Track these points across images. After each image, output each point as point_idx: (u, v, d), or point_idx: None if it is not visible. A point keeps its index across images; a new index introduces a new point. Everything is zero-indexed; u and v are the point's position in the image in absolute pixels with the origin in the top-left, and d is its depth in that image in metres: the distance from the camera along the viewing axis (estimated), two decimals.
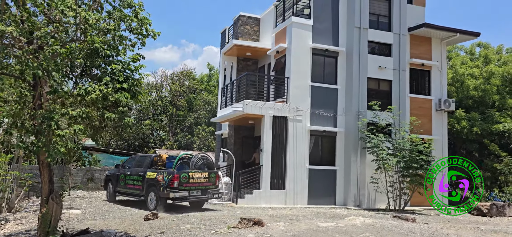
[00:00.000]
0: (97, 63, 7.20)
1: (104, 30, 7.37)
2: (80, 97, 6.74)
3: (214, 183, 13.86)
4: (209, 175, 13.73)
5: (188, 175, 13.19)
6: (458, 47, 30.24)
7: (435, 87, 18.81)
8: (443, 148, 18.66)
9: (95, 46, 6.95)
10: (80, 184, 20.55)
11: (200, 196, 13.57)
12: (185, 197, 13.17)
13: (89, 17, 6.76)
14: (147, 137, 32.20)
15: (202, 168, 13.83)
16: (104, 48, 7.03)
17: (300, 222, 10.98)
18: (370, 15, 17.49)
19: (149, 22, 8.09)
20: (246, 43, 18.80)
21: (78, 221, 11.53)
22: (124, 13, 7.91)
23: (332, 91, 17.13)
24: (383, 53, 17.72)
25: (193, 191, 13.33)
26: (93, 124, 7.18)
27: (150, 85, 33.99)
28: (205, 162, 14.00)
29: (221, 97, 20.60)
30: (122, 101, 6.96)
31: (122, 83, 7.16)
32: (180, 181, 12.98)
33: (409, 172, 15.40)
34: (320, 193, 16.60)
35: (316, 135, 16.90)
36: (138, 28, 8.03)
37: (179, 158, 14.01)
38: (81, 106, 6.97)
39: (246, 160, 18.65)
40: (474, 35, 18.90)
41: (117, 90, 7.07)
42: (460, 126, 24.83)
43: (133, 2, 7.76)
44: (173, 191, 12.91)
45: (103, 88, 6.86)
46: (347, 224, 10.37)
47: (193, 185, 13.30)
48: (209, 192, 13.74)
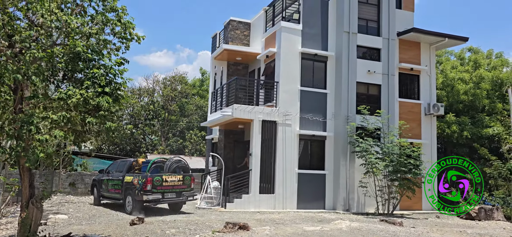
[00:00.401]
0: (79, 67, 7.18)
1: (86, 34, 7.35)
2: (61, 101, 6.71)
3: (189, 186, 14.24)
4: (183, 178, 14.14)
5: (161, 178, 13.62)
6: (449, 51, 30.46)
7: (424, 91, 18.93)
8: (432, 152, 18.76)
9: (77, 50, 6.93)
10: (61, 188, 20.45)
11: (174, 198, 13.97)
12: (158, 200, 13.57)
13: (70, 21, 6.75)
14: (139, 142, 32.09)
15: (177, 171, 14.28)
16: (86, 52, 7.01)
17: (286, 226, 10.99)
18: (359, 20, 17.59)
19: (132, 26, 8.10)
20: (236, 48, 18.84)
21: (64, 226, 11.46)
22: (108, 17, 7.91)
23: (322, 96, 17.19)
24: (372, 58, 17.82)
25: (167, 194, 13.75)
26: (75, 129, 7.13)
27: (142, 90, 33.93)
28: (179, 166, 14.47)
29: (211, 101, 20.60)
30: (104, 105, 6.93)
31: (104, 87, 7.14)
32: (153, 184, 13.36)
33: (397, 176, 15.47)
34: (310, 197, 16.62)
35: (305, 140, 16.93)
36: (122, 32, 8.04)
37: (153, 162, 14.40)
38: (63, 111, 6.93)
39: (238, 164, 18.64)
40: (462, 40, 19.06)
41: (98, 94, 7.05)
42: (451, 130, 24.98)
43: (116, 6, 7.75)
44: (146, 193, 13.29)
45: (84, 92, 6.84)
46: (333, 228, 10.38)
47: (166, 188, 13.72)
48: (184, 194, 14.11)
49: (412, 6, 19.07)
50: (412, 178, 15.61)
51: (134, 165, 15.08)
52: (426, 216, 16.67)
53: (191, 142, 31.22)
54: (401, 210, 17.61)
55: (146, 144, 32.55)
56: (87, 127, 7.13)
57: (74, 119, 6.95)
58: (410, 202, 17.85)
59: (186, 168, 14.73)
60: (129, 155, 31.46)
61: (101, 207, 15.97)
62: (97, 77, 7.15)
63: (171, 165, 14.26)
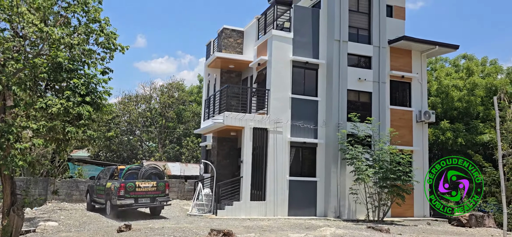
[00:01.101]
0: (60, 77, 7.34)
1: (68, 45, 7.52)
2: (42, 110, 6.86)
3: (163, 191, 15.00)
4: (157, 184, 14.92)
5: (135, 184, 14.44)
6: (443, 59, 30.62)
7: (415, 98, 19.04)
8: (424, 159, 18.84)
9: (58, 60, 7.09)
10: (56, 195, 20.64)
11: (148, 203, 14.80)
12: (131, 205, 14.33)
13: (52, 32, 6.92)
14: (136, 149, 32.25)
15: (152, 178, 15.08)
16: (67, 63, 7.17)
17: (272, 233, 11.08)
18: (350, 28, 17.76)
19: (115, 36, 8.26)
20: (228, 56, 19.03)
21: (52, 233, 11.59)
22: (92, 27, 8.09)
23: (313, 103, 17.32)
24: (363, 66, 17.97)
25: (141, 199, 14.55)
26: (58, 137, 7.28)
27: (139, 97, 34.14)
28: (154, 172, 15.34)
29: (204, 109, 20.75)
30: (84, 114, 7.08)
31: (84, 96, 7.29)
32: (126, 190, 14.20)
33: (387, 183, 15.55)
34: (301, 204, 16.70)
35: (296, 147, 17.05)
36: (105, 43, 8.21)
37: (128, 168, 15.32)
38: (45, 120, 7.09)
39: (236, 172, 18.70)
40: (452, 47, 19.19)
41: (79, 103, 7.20)
42: (445, 137, 25.05)
43: (99, 18, 7.92)
44: (120, 198, 14.11)
45: (64, 101, 6.99)
46: (317, 235, 10.48)
47: (140, 193, 14.52)
48: (157, 200, 14.84)
49: (403, 15, 19.23)
50: (402, 185, 15.69)
51: (115, 172, 15.87)
52: (417, 223, 16.75)
53: (187, 149, 31.37)
54: (392, 217, 17.67)
55: (143, 151, 32.70)
56: (69, 135, 7.25)
57: (56, 128, 7.09)
58: (401, 209, 17.90)
59: (161, 175, 15.61)
60: (126, 162, 31.60)
61: (93, 213, 16.12)
62: (78, 87, 7.29)
63: (145, 172, 15.10)
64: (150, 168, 15.40)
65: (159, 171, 15.63)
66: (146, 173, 15.07)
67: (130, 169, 15.26)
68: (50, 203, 20.94)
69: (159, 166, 16.06)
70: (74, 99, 7.16)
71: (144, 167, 15.45)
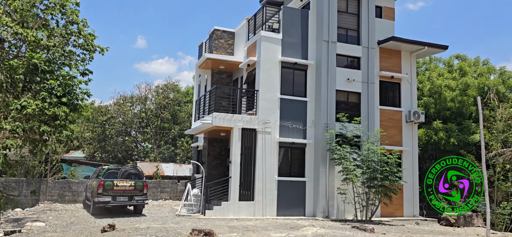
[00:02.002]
0: (37, 78, 7.42)
1: (45, 47, 7.60)
2: (17, 111, 6.95)
3: (140, 190, 15.87)
4: (135, 184, 15.78)
5: (113, 183, 15.35)
6: (437, 59, 30.70)
7: (405, 99, 19.12)
8: (413, 159, 18.91)
9: (34, 62, 7.18)
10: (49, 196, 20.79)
11: (126, 201, 15.67)
12: (108, 202, 15.27)
13: (26, 34, 7.01)
14: (130, 150, 32.36)
15: (131, 177, 15.98)
16: (43, 64, 7.26)
17: (254, 233, 11.16)
18: (339, 29, 17.85)
19: (93, 38, 8.35)
20: (218, 57, 19.11)
21: (38, 233, 11.65)
22: (72, 29, 8.18)
23: (302, 104, 17.40)
24: (352, 66, 18.05)
25: (119, 198, 15.46)
26: (34, 138, 7.37)
27: (134, 98, 34.26)
28: (133, 172, 16.29)
29: (195, 109, 20.84)
30: (60, 115, 7.16)
31: (61, 97, 7.37)
32: (104, 188, 15.16)
33: (374, 183, 15.62)
34: (290, 204, 16.78)
35: (285, 147, 17.12)
36: (85, 44, 8.30)
37: (108, 168, 16.38)
38: (22, 121, 7.18)
39: (225, 172, 18.79)
40: (442, 48, 19.27)
41: (55, 104, 7.28)
42: (438, 137, 25.12)
43: (76, 19, 8.00)
44: (98, 196, 15.12)
45: (40, 102, 7.07)
46: (298, 235, 10.55)
47: (117, 192, 15.45)
48: (135, 198, 15.72)
49: (392, 15, 19.31)
50: (389, 185, 15.76)
51: (100, 172, 16.89)
52: (405, 222, 16.82)
53: (182, 150, 31.46)
54: (382, 216, 17.75)
55: (138, 151, 32.81)
56: (45, 136, 7.34)
57: (32, 129, 7.17)
58: (391, 209, 17.99)
59: (140, 175, 16.44)
60: (121, 163, 31.71)
61: (83, 214, 16.29)
62: (54, 88, 7.37)
63: (124, 171, 16.10)
64: (130, 168, 16.42)
65: (138, 172, 16.48)
66: (125, 173, 16.04)
67: (110, 169, 16.28)
68: (43, 203, 21.06)
69: (139, 167, 17.11)
70: (50, 100, 7.23)
71: (123, 167, 16.39)
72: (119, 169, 16.39)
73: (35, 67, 7.30)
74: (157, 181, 24.09)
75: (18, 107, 6.87)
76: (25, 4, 7.62)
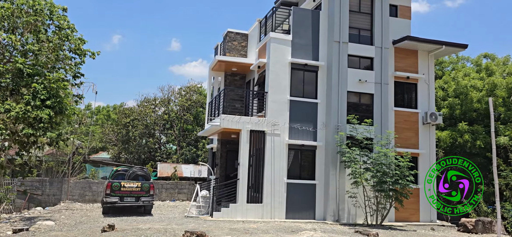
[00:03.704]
0: (22, 82, 7.66)
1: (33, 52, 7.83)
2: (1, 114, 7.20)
3: (147, 192, 16.21)
4: (141, 185, 16.15)
5: (120, 184, 15.79)
6: (465, 58, 29.56)
7: (422, 100, 18.49)
8: (431, 162, 18.22)
9: (17, 66, 7.41)
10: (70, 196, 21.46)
11: (133, 202, 16.01)
12: (115, 202, 15.66)
13: (9, 39, 7.24)
14: (153, 151, 32.95)
15: (138, 179, 16.38)
16: (26, 68, 7.48)
17: (252, 235, 11.08)
18: (351, 29, 17.48)
19: (82, 42, 8.54)
20: (230, 59, 19.14)
21: (44, 232, 12.04)
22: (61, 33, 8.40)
23: (312, 105, 17.15)
24: (364, 67, 17.64)
25: (126, 198, 15.88)
26: (21, 140, 7.60)
27: (157, 100, 34.87)
28: (140, 174, 16.64)
29: (208, 111, 20.97)
30: (44, 118, 7.35)
31: (45, 100, 7.57)
32: (112, 189, 15.64)
33: (383, 187, 15.17)
34: (299, 207, 16.56)
35: (295, 149, 16.92)
36: (75, 49, 8.51)
37: (116, 170, 16.90)
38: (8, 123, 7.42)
39: (231, 173, 18.86)
40: (461, 47, 18.50)
41: (38, 107, 7.49)
42: (463, 139, 24.18)
43: (62, 24, 8.20)
44: (106, 196, 15.62)
45: (23, 106, 7.29)
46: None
47: (124, 192, 15.85)
48: (141, 199, 16.07)
49: (408, 14, 18.72)
50: (399, 188, 15.27)
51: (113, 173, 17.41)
52: (419, 227, 16.24)
53: (203, 151, 31.73)
54: (396, 221, 17.24)
55: (161, 153, 33.36)
56: (32, 138, 7.56)
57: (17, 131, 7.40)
58: (406, 213, 17.45)
59: (147, 177, 16.75)
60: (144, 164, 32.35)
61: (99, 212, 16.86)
62: (38, 92, 7.58)
63: (132, 173, 16.47)
64: (138, 170, 16.80)
65: (145, 173, 16.85)
66: (132, 174, 16.44)
67: (118, 170, 16.87)
68: (64, 203, 21.79)
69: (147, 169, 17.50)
70: (34, 103, 7.45)
71: (131, 168, 16.78)
72: (127, 170, 16.83)
73: (20, 72, 7.54)
74: (174, 182, 24.40)
75: (2, 110, 7.12)
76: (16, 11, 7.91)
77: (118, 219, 14.73)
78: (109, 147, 33.59)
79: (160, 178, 25.94)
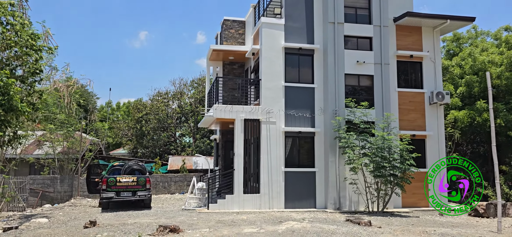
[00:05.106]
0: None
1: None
2: None
3: (143, 186, 16.07)
4: (137, 179, 16.02)
5: (115, 179, 15.75)
6: (485, 32, 27.93)
7: (428, 79, 17.53)
8: (439, 145, 17.32)
9: None
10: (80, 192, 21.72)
11: (130, 197, 15.90)
12: (112, 198, 15.68)
13: None
14: (167, 144, 33.14)
15: (134, 173, 16.30)
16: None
17: (232, 227, 10.74)
18: (347, 9, 16.73)
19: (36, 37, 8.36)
20: (225, 47, 18.73)
21: (32, 230, 12.11)
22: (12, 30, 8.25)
23: (309, 91, 16.55)
24: (363, 47, 16.85)
25: (123, 193, 15.81)
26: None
27: (169, 94, 34.99)
28: (136, 168, 16.53)
29: (207, 102, 20.69)
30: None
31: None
32: (108, 184, 15.61)
33: (382, 172, 14.45)
34: (299, 196, 16.07)
35: (292, 137, 16.40)
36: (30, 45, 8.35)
37: (112, 165, 16.73)
38: None
39: (231, 164, 18.53)
40: (468, 20, 17.35)
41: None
42: (482, 118, 22.89)
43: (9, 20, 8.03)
44: (103, 192, 15.63)
45: None
46: (276, 230, 9.97)
47: (121, 187, 15.78)
48: (138, 193, 15.96)
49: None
50: (400, 173, 14.52)
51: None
52: (425, 213, 15.44)
53: None
54: (404, 207, 16.51)
55: (176, 146, 33.51)
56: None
57: None
58: (414, 198, 16.72)
59: (143, 171, 16.59)
60: (160, 157, 32.61)
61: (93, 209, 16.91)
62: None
63: (128, 167, 16.39)
64: (133, 164, 16.69)
65: (141, 167, 16.72)
66: (128, 169, 16.35)
67: (114, 166, 16.74)
68: (74, 199, 22.15)
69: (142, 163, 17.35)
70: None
71: (127, 163, 16.70)
72: (123, 165, 16.78)
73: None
74: (183, 175, 24.37)
75: None
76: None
77: (113, 214, 14.71)
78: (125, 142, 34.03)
79: (170, 171, 25.99)
